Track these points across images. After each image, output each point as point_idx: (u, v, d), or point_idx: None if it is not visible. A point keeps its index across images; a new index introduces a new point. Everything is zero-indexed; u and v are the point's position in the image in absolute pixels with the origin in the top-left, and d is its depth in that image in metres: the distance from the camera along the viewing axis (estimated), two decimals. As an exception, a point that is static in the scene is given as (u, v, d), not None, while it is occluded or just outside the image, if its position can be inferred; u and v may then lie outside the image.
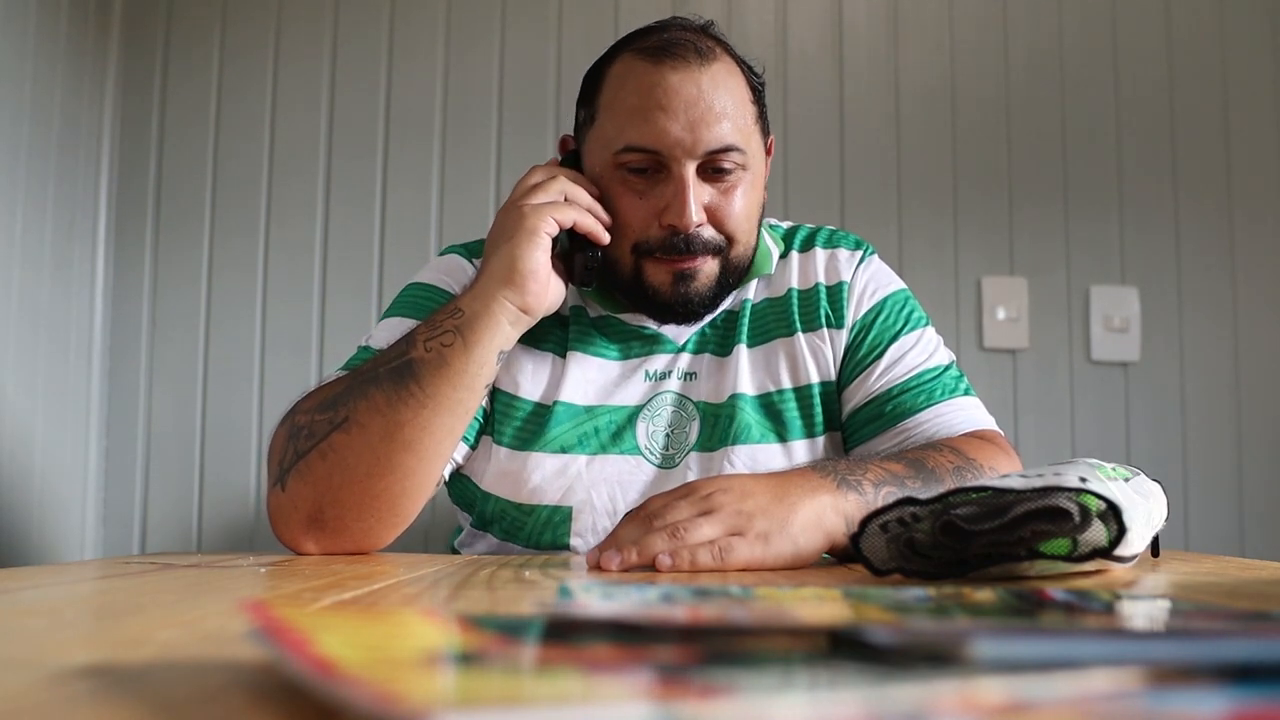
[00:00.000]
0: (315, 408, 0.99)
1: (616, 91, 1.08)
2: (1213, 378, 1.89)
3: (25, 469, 1.60)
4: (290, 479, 0.97)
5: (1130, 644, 0.33)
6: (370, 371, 0.99)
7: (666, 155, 1.04)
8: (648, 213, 1.07)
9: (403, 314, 1.12)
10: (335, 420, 0.96)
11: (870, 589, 0.57)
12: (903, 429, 1.10)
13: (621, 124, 1.06)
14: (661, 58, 1.05)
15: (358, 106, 1.88)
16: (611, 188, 1.08)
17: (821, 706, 0.25)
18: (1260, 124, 1.94)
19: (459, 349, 0.97)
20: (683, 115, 1.03)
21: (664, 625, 0.37)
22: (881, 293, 1.17)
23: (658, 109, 1.04)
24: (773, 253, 1.18)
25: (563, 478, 1.10)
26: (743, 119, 1.08)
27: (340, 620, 0.39)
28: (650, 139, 1.04)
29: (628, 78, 1.07)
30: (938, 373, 1.13)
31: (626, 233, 1.08)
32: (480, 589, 0.68)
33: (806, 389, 1.14)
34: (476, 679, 0.28)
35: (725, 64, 1.08)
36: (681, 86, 1.04)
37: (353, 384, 0.98)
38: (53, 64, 1.68)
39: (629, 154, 1.06)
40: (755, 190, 1.11)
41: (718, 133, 1.04)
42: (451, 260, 1.19)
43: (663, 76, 1.04)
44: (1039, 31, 1.94)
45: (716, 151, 1.05)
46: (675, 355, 1.15)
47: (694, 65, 1.05)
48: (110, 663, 0.39)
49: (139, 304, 1.84)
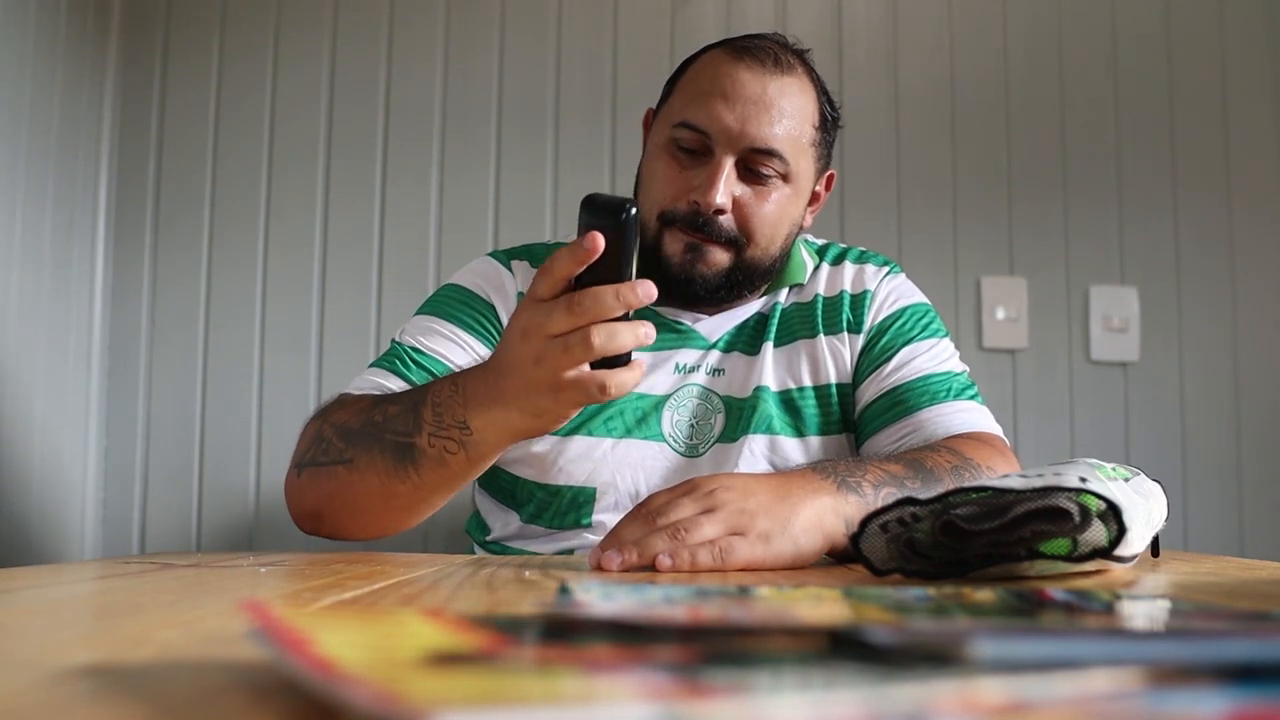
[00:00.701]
0: (337, 429, 1.00)
1: (694, 76, 1.16)
2: (1213, 378, 1.89)
3: (25, 469, 1.60)
4: (305, 475, 1.02)
5: (1130, 644, 0.33)
6: (379, 428, 0.96)
7: (713, 139, 1.10)
8: (681, 186, 1.12)
9: (435, 313, 1.17)
10: (344, 456, 0.98)
11: (870, 589, 0.57)
12: (905, 425, 1.11)
13: (686, 102, 1.13)
14: (742, 54, 1.13)
15: (357, 106, 1.88)
16: (659, 158, 1.14)
17: (821, 706, 0.25)
18: (1260, 123, 1.94)
19: (461, 460, 0.92)
20: (739, 107, 1.09)
21: (664, 625, 0.37)
22: (903, 302, 1.22)
23: (720, 96, 1.10)
24: (807, 264, 1.24)
25: (588, 460, 1.14)
26: (798, 132, 1.12)
27: (340, 620, 0.39)
28: (703, 119, 1.10)
29: (708, 66, 1.15)
30: (945, 377, 1.15)
31: (659, 199, 1.13)
32: (480, 589, 0.68)
33: (826, 388, 1.18)
34: (476, 679, 0.28)
35: (800, 81, 1.13)
36: (749, 82, 1.10)
37: (366, 427, 0.97)
38: (52, 64, 1.68)
39: (682, 130, 1.12)
40: (791, 204, 1.15)
41: (766, 133, 1.09)
42: (489, 265, 1.23)
43: (736, 69, 1.11)
44: (1039, 31, 1.94)
45: (759, 150, 1.10)
46: (706, 351, 1.19)
47: (768, 69, 1.11)
48: (110, 663, 0.39)
49: (138, 303, 1.84)
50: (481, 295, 1.18)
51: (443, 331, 1.15)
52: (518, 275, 1.20)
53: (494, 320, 1.17)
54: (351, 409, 1.01)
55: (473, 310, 1.17)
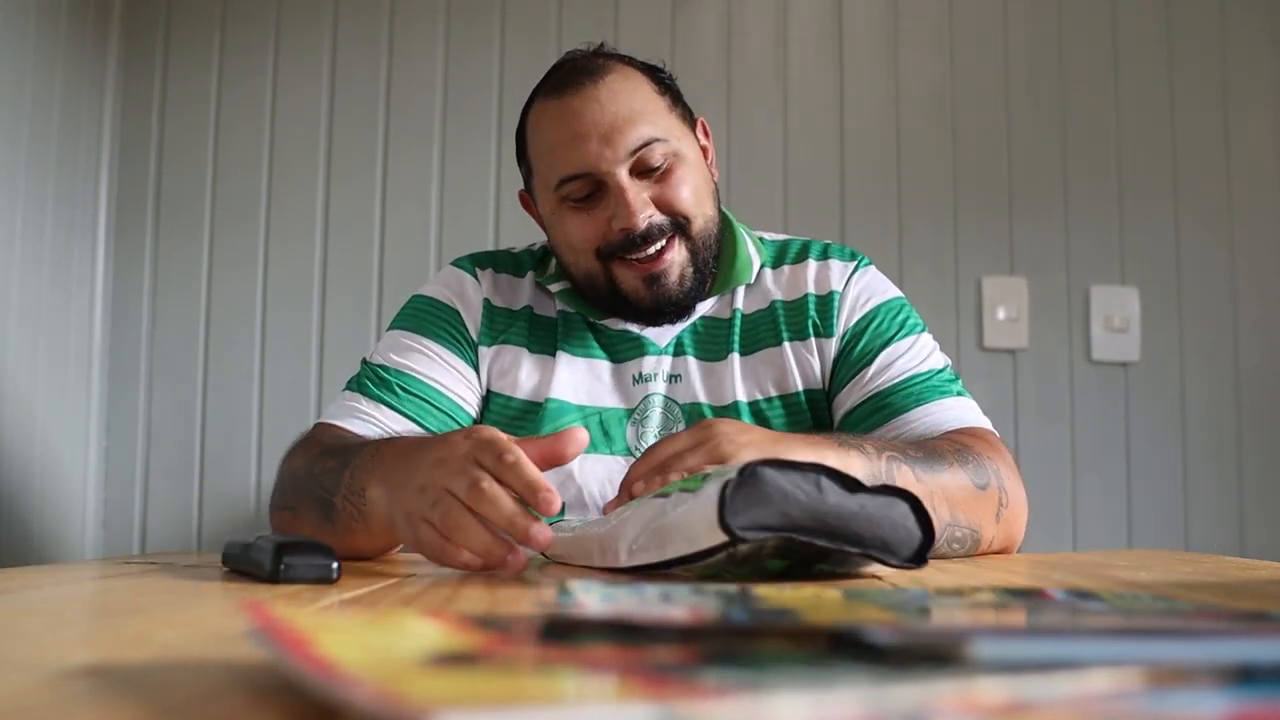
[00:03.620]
0: (291, 474, 1.02)
1: (538, 138, 1.15)
2: (1213, 378, 1.89)
3: (25, 469, 1.60)
4: (273, 516, 1.05)
5: (1130, 644, 0.33)
6: (315, 480, 0.96)
7: (596, 172, 1.09)
8: (599, 224, 1.11)
9: (405, 327, 1.17)
10: (289, 504, 1.02)
11: (870, 589, 0.57)
12: (893, 427, 1.10)
13: (550, 162, 1.12)
14: (561, 91, 1.12)
15: (358, 106, 1.88)
16: (563, 219, 1.13)
17: (821, 706, 0.25)
18: (1260, 124, 1.94)
19: (360, 528, 0.90)
20: (594, 131, 1.09)
21: (664, 625, 0.37)
22: (875, 301, 1.18)
23: (573, 136, 1.10)
24: (753, 262, 1.20)
25: (555, 474, 1.11)
26: (654, 112, 1.13)
27: (340, 620, 0.39)
28: (576, 164, 1.10)
29: (541, 121, 1.14)
30: (929, 376, 1.13)
31: (586, 246, 1.12)
32: (480, 589, 0.68)
33: (794, 397, 1.15)
34: (476, 679, 0.28)
35: (619, 73, 1.13)
36: (585, 108, 1.10)
37: (306, 479, 0.98)
38: (53, 63, 1.68)
39: (566, 185, 1.11)
40: (696, 170, 1.14)
41: (633, 134, 1.09)
42: (453, 274, 1.22)
43: (566, 106, 1.11)
44: (1039, 32, 1.94)
45: (639, 149, 1.09)
46: (658, 358, 1.17)
47: (588, 86, 1.11)
48: (110, 663, 0.39)
49: (139, 303, 1.84)
50: (447, 303, 1.19)
51: (410, 344, 1.16)
52: (484, 282, 1.20)
53: (460, 327, 1.17)
54: (305, 455, 1.02)
55: (439, 320, 1.18)
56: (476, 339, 1.17)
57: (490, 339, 1.17)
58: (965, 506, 0.94)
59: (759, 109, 1.91)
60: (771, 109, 1.91)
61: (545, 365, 1.16)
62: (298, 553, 0.70)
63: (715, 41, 1.91)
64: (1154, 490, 1.86)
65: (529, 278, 1.22)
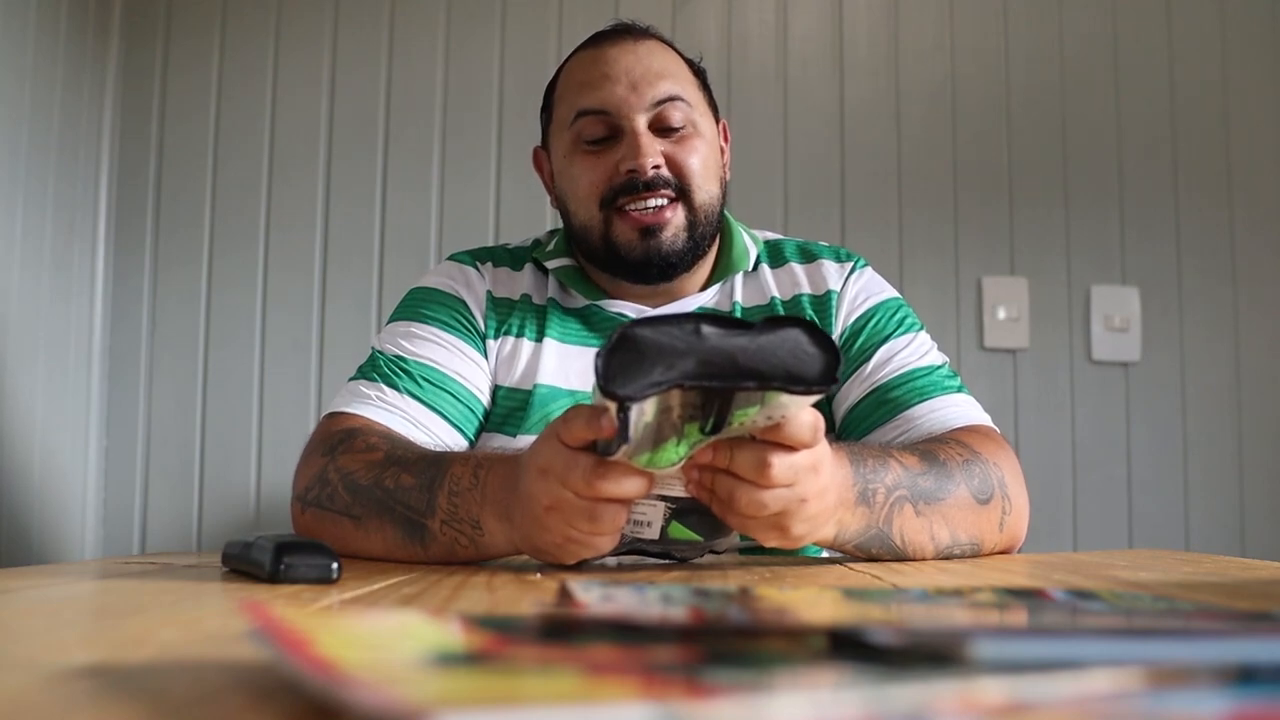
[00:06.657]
0: (344, 479, 0.97)
1: (567, 79, 1.18)
2: (1213, 378, 1.89)
3: (25, 469, 1.60)
4: (309, 513, 0.99)
5: (1130, 644, 0.33)
6: (390, 496, 0.93)
7: (616, 113, 1.12)
8: (608, 168, 1.13)
9: (410, 318, 1.17)
10: (352, 511, 0.95)
11: (870, 589, 0.57)
12: (898, 423, 1.10)
13: (573, 100, 1.15)
14: (600, 40, 1.17)
15: (358, 107, 1.88)
16: (573, 161, 1.15)
17: (821, 706, 0.25)
18: (1260, 124, 1.94)
19: (470, 552, 0.90)
20: (625, 77, 1.13)
21: (664, 625, 0.37)
22: (873, 300, 1.18)
23: (602, 77, 1.13)
24: (750, 250, 1.21)
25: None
26: (685, 80, 1.17)
27: (340, 620, 0.39)
28: (599, 100, 1.13)
29: (576, 66, 1.18)
30: (929, 370, 1.13)
31: (592, 190, 1.14)
32: (480, 589, 0.68)
33: None
34: (476, 679, 0.28)
35: (660, 43, 1.18)
36: (620, 55, 1.14)
37: (375, 490, 0.94)
38: (53, 63, 1.68)
39: (582, 119, 1.13)
40: (710, 150, 1.16)
41: (660, 86, 1.13)
42: (454, 266, 1.22)
43: (602, 52, 1.15)
44: (1039, 32, 1.94)
45: (662, 101, 1.12)
46: None
47: (627, 40, 1.16)
48: (110, 663, 0.39)
49: (139, 304, 1.84)
50: (452, 293, 1.18)
51: (423, 335, 1.15)
52: (486, 275, 1.20)
53: (469, 315, 1.17)
54: (360, 459, 0.98)
55: (447, 309, 1.17)
56: (484, 330, 1.17)
57: (496, 331, 1.17)
58: (967, 525, 0.93)
59: (759, 109, 1.91)
60: (771, 108, 1.91)
61: (534, 351, 1.16)
62: (298, 553, 0.70)
63: (715, 41, 1.91)
64: (1154, 490, 1.86)
65: (526, 269, 1.22)
